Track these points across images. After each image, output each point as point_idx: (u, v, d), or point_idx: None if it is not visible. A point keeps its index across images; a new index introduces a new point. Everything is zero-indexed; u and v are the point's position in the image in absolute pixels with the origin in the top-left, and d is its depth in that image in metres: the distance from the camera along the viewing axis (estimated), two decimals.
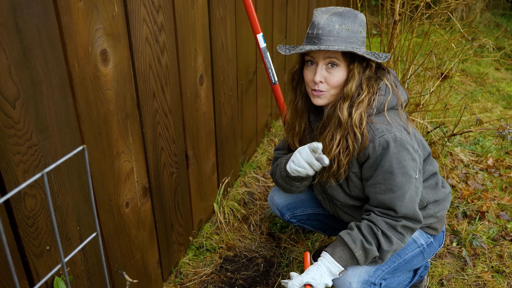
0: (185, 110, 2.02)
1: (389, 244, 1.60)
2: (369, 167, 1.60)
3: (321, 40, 1.53)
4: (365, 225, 1.62)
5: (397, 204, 1.57)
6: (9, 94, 1.11)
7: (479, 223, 2.54)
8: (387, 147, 1.54)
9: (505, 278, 2.22)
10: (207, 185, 2.44)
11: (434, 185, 1.80)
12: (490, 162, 3.08)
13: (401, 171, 1.56)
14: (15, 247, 1.22)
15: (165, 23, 1.74)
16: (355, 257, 1.61)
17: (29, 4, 1.12)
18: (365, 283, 1.68)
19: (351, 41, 1.54)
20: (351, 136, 1.58)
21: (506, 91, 4.34)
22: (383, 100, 1.61)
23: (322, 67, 1.58)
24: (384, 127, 1.57)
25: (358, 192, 1.70)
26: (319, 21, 1.54)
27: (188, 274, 2.22)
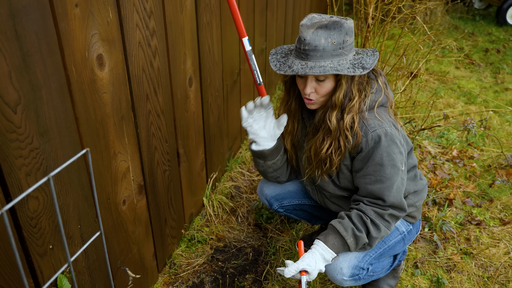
0: (176, 111, 1.98)
1: (378, 231, 1.61)
2: (361, 159, 1.60)
3: (308, 56, 1.50)
4: (355, 214, 1.62)
5: (386, 194, 1.58)
6: (10, 99, 1.05)
7: (448, 209, 2.57)
8: (378, 141, 1.55)
9: (473, 259, 2.25)
10: (197, 180, 2.40)
11: (414, 177, 1.81)
12: (454, 153, 3.11)
13: (390, 163, 1.56)
14: (20, 248, 1.17)
15: (157, 28, 1.69)
16: (347, 244, 1.61)
17: (27, 11, 1.06)
18: (355, 268, 1.69)
19: (337, 53, 1.49)
20: (342, 138, 1.58)
21: (466, 88, 4.40)
22: (375, 98, 1.61)
23: (311, 80, 1.56)
24: (376, 122, 1.57)
25: (347, 183, 1.70)
26: (305, 36, 1.49)
27: (182, 265, 2.18)
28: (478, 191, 2.76)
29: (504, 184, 2.80)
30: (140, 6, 1.54)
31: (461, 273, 2.16)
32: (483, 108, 3.92)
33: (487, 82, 4.63)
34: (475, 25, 6.67)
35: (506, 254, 2.28)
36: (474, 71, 4.92)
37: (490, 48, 5.67)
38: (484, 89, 4.39)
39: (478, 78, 4.70)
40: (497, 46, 5.75)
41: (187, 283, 2.09)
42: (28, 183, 1.16)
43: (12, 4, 1.01)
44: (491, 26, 6.65)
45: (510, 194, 2.73)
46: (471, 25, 6.69)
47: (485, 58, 5.34)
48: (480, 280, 2.13)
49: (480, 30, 6.44)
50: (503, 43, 5.93)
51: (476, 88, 4.40)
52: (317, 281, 2.08)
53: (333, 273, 1.71)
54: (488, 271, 2.18)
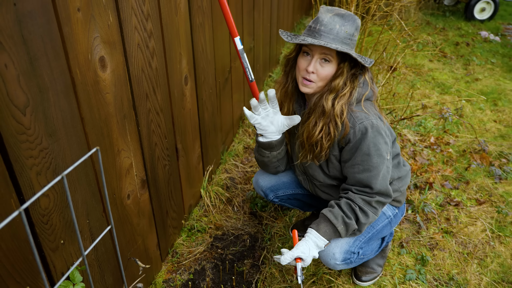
0: (173, 108, 1.95)
1: (366, 217, 1.61)
2: (349, 150, 1.60)
3: (321, 36, 1.51)
4: (344, 203, 1.62)
5: (373, 182, 1.58)
6: (20, 102, 1.03)
7: (428, 192, 2.59)
8: (365, 132, 1.54)
9: (453, 237, 2.28)
10: (194, 173, 2.38)
11: (397, 164, 1.82)
12: (432, 140, 3.14)
13: (377, 153, 1.56)
14: (33, 244, 1.14)
15: (154, 30, 1.66)
16: (338, 231, 1.61)
17: (33, 16, 1.03)
18: (346, 252, 1.70)
19: (347, 42, 1.53)
20: (332, 124, 1.57)
21: (440, 79, 4.44)
22: (362, 92, 1.61)
23: (316, 60, 1.56)
24: (363, 115, 1.57)
25: (336, 172, 1.70)
26: (323, 18, 1.52)
27: (184, 253, 2.17)
28: (455, 174, 2.79)
29: (479, 167, 2.84)
30: (138, 9, 1.51)
31: (443, 250, 2.19)
32: (456, 98, 3.96)
33: (459, 73, 4.68)
34: (445, 21, 6.73)
35: (483, 231, 2.31)
36: (446, 63, 4.97)
37: (460, 41, 5.72)
38: (456, 80, 4.43)
39: (450, 70, 4.75)
40: (467, 40, 5.81)
41: (190, 270, 2.08)
42: (39, 182, 1.13)
43: (18, 9, 0.98)
44: (460, 21, 6.72)
45: (484, 176, 2.77)
46: (442, 20, 6.75)
47: (456, 51, 5.40)
48: (461, 256, 2.16)
49: (450, 25, 6.49)
50: (471, 36, 5.99)
51: (449, 79, 4.45)
52: (311, 264, 2.09)
53: (327, 258, 1.71)
54: (468, 248, 2.21)
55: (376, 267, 2.00)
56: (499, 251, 2.19)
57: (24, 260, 1.13)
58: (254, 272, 2.08)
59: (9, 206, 1.05)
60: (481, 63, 5.01)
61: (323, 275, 2.02)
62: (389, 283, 2.00)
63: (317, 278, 2.01)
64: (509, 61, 5.16)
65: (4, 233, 1.04)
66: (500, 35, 6.17)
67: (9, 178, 1.03)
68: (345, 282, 2.00)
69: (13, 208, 1.06)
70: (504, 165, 2.89)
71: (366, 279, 1.97)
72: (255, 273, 2.08)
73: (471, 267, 2.09)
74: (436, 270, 2.07)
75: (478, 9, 6.67)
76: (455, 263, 2.12)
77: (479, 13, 6.71)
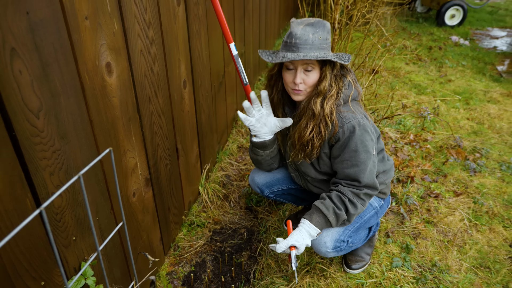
0: (174, 111, 1.94)
1: (355, 208, 1.62)
2: (338, 147, 1.61)
3: (299, 48, 1.50)
4: (335, 195, 1.63)
5: (361, 175, 1.59)
6: (33, 106, 1.01)
7: (410, 185, 2.62)
8: (353, 131, 1.55)
9: (434, 227, 2.31)
10: (193, 172, 2.37)
11: (382, 159, 1.83)
12: (411, 137, 3.18)
13: (364, 149, 1.57)
14: (47, 241, 1.12)
15: (155, 37, 1.65)
16: (329, 221, 1.62)
17: (44, 24, 1.01)
18: (337, 241, 1.71)
19: (323, 47, 1.52)
20: (323, 124, 1.58)
21: (416, 81, 4.49)
22: (348, 93, 1.62)
23: (300, 71, 1.55)
24: (350, 115, 1.57)
25: (326, 168, 1.71)
26: (296, 31, 1.50)
27: (185, 247, 2.15)
28: (433, 168, 2.83)
29: (455, 162, 2.89)
30: (140, 17, 1.50)
31: (426, 239, 2.22)
32: (432, 98, 4.02)
33: (433, 75, 4.74)
34: (419, 27, 6.81)
35: (461, 220, 2.35)
36: (421, 66, 5.03)
37: (433, 46, 5.80)
38: (431, 81, 4.49)
39: (425, 72, 4.81)
40: (439, 44, 5.89)
41: (191, 262, 2.07)
42: (52, 182, 1.11)
43: (30, 18, 0.96)
44: (432, 27, 6.81)
45: (461, 170, 2.82)
46: (416, 26, 6.83)
47: (429, 55, 5.47)
48: (442, 244, 2.19)
49: (423, 31, 6.58)
50: (443, 41, 6.08)
51: (425, 81, 4.50)
52: (304, 254, 2.09)
53: (318, 246, 1.72)
54: (448, 236, 2.24)
55: (365, 255, 2.02)
56: (476, 238, 2.23)
57: (39, 257, 1.11)
58: (252, 263, 2.08)
59: (25, 205, 1.03)
60: (453, 65, 5.09)
61: (316, 264, 2.03)
62: (377, 270, 2.01)
63: (311, 267, 2.02)
64: (478, 63, 5.24)
65: (21, 232, 1.02)
66: (469, 39, 6.27)
67: (25, 179, 1.01)
68: (337, 270, 2.01)
69: (28, 207, 1.04)
70: (477, 159, 2.94)
71: (356, 267, 1.99)
72: (252, 264, 2.07)
73: (452, 254, 2.12)
74: (420, 257, 2.10)
75: (449, 16, 6.77)
76: (437, 250, 2.15)
77: (449, 19, 6.81)
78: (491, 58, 5.40)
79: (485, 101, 4.00)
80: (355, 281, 1.95)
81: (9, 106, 0.93)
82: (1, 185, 0.95)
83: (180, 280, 1.97)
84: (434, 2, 6.99)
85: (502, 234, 2.26)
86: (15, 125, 0.96)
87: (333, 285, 1.93)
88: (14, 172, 0.98)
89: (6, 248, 0.98)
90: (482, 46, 5.97)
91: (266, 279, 1.96)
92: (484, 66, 5.09)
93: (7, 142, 0.95)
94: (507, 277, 2.00)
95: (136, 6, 1.45)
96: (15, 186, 0.99)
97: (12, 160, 0.97)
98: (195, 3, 2.06)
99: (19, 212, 1.01)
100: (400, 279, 1.96)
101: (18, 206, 1.00)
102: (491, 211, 2.42)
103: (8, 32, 0.90)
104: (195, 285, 1.95)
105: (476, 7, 7.36)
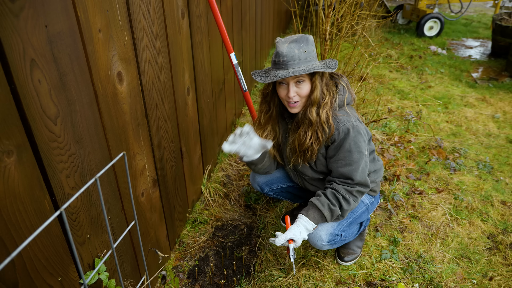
0: (178, 116, 1.93)
1: (348, 204, 1.62)
2: (334, 148, 1.61)
3: (287, 65, 1.50)
4: (330, 192, 1.63)
5: (354, 174, 1.59)
6: (51, 113, 0.99)
7: (396, 183, 2.63)
8: (348, 133, 1.55)
9: (419, 221, 2.31)
10: (196, 172, 2.35)
11: (373, 159, 1.84)
12: (396, 139, 3.19)
13: (357, 150, 1.58)
14: (63, 239, 1.11)
15: (161, 48, 1.64)
16: (324, 216, 1.62)
17: (61, 37, 1.00)
18: (331, 234, 1.71)
19: (309, 59, 1.52)
20: (320, 130, 1.58)
21: (399, 87, 4.51)
22: (342, 98, 1.62)
23: (292, 85, 1.55)
24: (345, 118, 1.58)
25: (323, 168, 1.71)
26: (282, 50, 1.50)
27: (189, 242, 2.14)
28: (417, 167, 2.84)
29: (437, 161, 2.90)
30: (148, 30, 1.49)
31: (411, 232, 2.22)
32: (414, 103, 4.04)
33: (414, 81, 4.76)
34: (400, 37, 6.85)
35: (443, 215, 2.36)
36: (403, 73, 5.05)
37: (414, 55, 5.83)
38: (413, 87, 4.51)
39: (407, 79, 4.83)
40: (419, 53, 5.93)
41: (195, 257, 2.05)
42: (68, 184, 1.10)
43: (49, 31, 0.95)
44: (413, 37, 6.84)
45: (442, 168, 2.83)
46: (397, 37, 6.86)
47: (410, 63, 5.49)
48: (426, 237, 2.19)
49: (405, 41, 6.61)
50: (423, 50, 6.11)
51: (407, 87, 4.52)
52: (300, 248, 2.09)
53: (314, 240, 1.72)
54: (431, 230, 2.25)
55: (356, 248, 2.02)
56: (457, 231, 2.24)
57: (56, 254, 1.09)
58: (252, 257, 2.07)
59: (43, 206, 1.01)
60: (432, 72, 5.12)
61: (311, 257, 2.02)
62: (368, 262, 2.01)
63: (306, 260, 2.01)
64: (455, 70, 5.28)
65: (40, 232, 1.01)
66: (446, 49, 6.32)
67: (43, 181, 1.00)
68: (330, 263, 2.01)
69: (46, 208, 1.02)
70: (457, 158, 2.95)
71: (348, 259, 1.99)
72: (252, 257, 2.06)
73: (436, 246, 2.12)
74: (407, 249, 2.10)
75: (427, 27, 6.82)
76: (422, 243, 2.15)
77: (428, 30, 6.86)
78: (467, 66, 5.45)
79: (462, 105, 4.03)
80: (347, 272, 1.95)
81: (29, 113, 0.92)
82: (22, 187, 0.93)
83: (185, 273, 1.95)
84: (414, 15, 7.04)
85: (480, 227, 2.28)
86: (34, 131, 0.95)
87: (327, 276, 1.92)
88: (33, 175, 0.96)
89: (26, 247, 0.97)
90: (458, 55, 6.01)
91: (265, 272, 1.95)
92: (461, 73, 5.13)
93: (27, 147, 0.93)
94: (486, 266, 2.01)
95: (144, 19, 1.44)
96: (34, 188, 0.97)
97: (31, 164, 0.95)
98: (198, 16, 2.05)
99: (38, 213, 0.99)
100: (388, 270, 1.97)
101: (37, 207, 0.99)
102: (470, 206, 2.43)
103: (28, 44, 0.89)
104: (199, 278, 1.94)
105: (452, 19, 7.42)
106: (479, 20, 8.64)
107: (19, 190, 0.92)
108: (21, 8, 0.86)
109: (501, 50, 5.79)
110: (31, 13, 0.89)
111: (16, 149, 0.90)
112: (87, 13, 1.09)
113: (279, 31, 6.14)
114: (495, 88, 4.59)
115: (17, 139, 0.90)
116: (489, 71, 5.26)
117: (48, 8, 0.94)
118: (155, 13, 1.52)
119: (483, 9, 9.83)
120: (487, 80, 4.90)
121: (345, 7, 2.63)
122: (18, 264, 0.96)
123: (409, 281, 1.91)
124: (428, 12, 6.68)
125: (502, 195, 2.55)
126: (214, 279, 1.92)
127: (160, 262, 1.90)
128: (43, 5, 0.92)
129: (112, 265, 1.42)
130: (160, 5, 1.57)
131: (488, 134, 3.41)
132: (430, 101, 4.02)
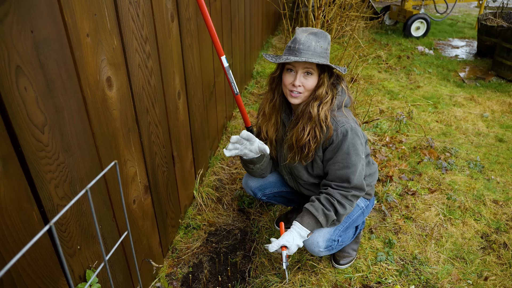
0: (169, 121, 1.89)
1: (343, 209, 1.60)
2: (332, 150, 1.60)
3: (301, 53, 1.50)
4: (324, 197, 1.61)
5: (351, 177, 1.58)
6: (38, 121, 0.96)
7: (389, 184, 2.63)
8: (346, 135, 1.55)
9: (413, 222, 2.32)
10: (187, 177, 2.32)
11: (368, 163, 1.83)
12: (387, 139, 3.20)
13: (355, 152, 1.57)
14: (53, 251, 1.07)
15: (151, 52, 1.60)
16: (319, 221, 1.60)
17: (48, 42, 0.96)
18: (328, 240, 1.69)
19: (323, 56, 1.53)
20: (318, 128, 1.57)
21: (388, 87, 4.54)
22: (341, 99, 1.61)
23: (300, 74, 1.55)
24: (344, 119, 1.57)
25: (319, 171, 1.69)
26: (300, 38, 1.51)
27: (182, 249, 2.10)
28: (409, 168, 2.85)
29: (429, 161, 2.91)
30: (138, 33, 1.46)
31: (406, 233, 2.22)
32: (404, 103, 4.06)
33: (403, 82, 4.80)
34: (388, 38, 6.91)
35: (436, 215, 2.37)
36: (392, 74, 5.09)
37: (402, 55, 5.88)
38: (402, 87, 4.55)
39: (396, 79, 4.86)
40: (407, 53, 5.98)
41: (189, 264, 2.02)
42: (57, 194, 1.06)
43: (35, 36, 0.91)
44: (400, 38, 6.91)
45: (434, 168, 2.85)
46: (385, 38, 6.92)
47: (399, 63, 5.54)
48: (421, 238, 2.20)
49: (392, 42, 6.67)
50: (410, 51, 6.17)
51: (396, 87, 4.55)
52: (295, 252, 2.07)
53: (311, 246, 1.70)
54: (426, 230, 2.25)
55: (352, 251, 2.01)
56: (451, 231, 2.25)
57: (45, 267, 1.05)
58: (246, 262, 2.04)
59: (31, 218, 0.97)
60: (420, 72, 5.16)
61: (307, 261, 2.01)
62: (363, 264, 2.01)
63: (302, 264, 1.99)
64: (443, 70, 5.34)
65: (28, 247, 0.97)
66: (433, 49, 6.39)
67: (31, 193, 0.96)
68: (326, 266, 1.99)
69: (35, 220, 0.98)
70: (448, 158, 2.97)
71: (343, 263, 1.98)
72: (247, 263, 2.04)
73: (430, 247, 2.13)
74: (402, 251, 2.10)
75: (414, 28, 6.89)
76: (416, 244, 2.15)
77: (415, 31, 6.93)
78: (454, 66, 5.51)
79: (451, 105, 4.07)
80: (343, 275, 1.94)
81: (15, 122, 0.88)
82: (8, 199, 0.89)
83: (179, 281, 1.92)
84: (400, 16, 7.11)
85: (474, 226, 2.29)
86: (21, 140, 0.91)
87: (323, 280, 1.91)
88: (20, 186, 0.92)
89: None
90: (445, 55, 6.09)
91: (260, 277, 1.93)
92: (448, 73, 5.19)
93: (13, 158, 0.89)
94: (481, 266, 2.02)
95: (134, 23, 1.41)
96: (21, 200, 0.93)
97: (18, 175, 0.91)
98: (188, 19, 2.03)
99: (25, 226, 0.95)
100: (384, 272, 1.96)
101: (25, 220, 0.95)
102: (463, 206, 2.44)
103: (13, 50, 0.85)
104: (193, 285, 1.90)
105: (438, 20, 7.51)
106: (464, 20, 8.77)
107: (5, 203, 0.88)
108: (5, 13, 0.82)
109: (486, 49, 5.88)
110: (16, 18, 0.85)
111: (1, 160, 0.86)
112: (74, 17, 1.05)
113: (268, 33, 6.13)
114: (482, 87, 4.65)
115: (2, 149, 0.86)
116: (475, 71, 5.33)
117: (34, 13, 0.90)
118: (144, 17, 1.49)
119: (468, 9, 10.00)
120: (474, 79, 4.96)
121: (335, 9, 2.63)
122: (6, 280, 0.92)
123: (405, 283, 1.91)
124: (415, 13, 6.76)
125: (493, 194, 2.57)
126: (208, 286, 1.89)
127: (154, 272, 1.86)
128: (28, 10, 0.89)
129: (104, 275, 1.38)
130: (149, 8, 1.54)
131: (478, 133, 3.45)
132: (420, 101, 4.05)
